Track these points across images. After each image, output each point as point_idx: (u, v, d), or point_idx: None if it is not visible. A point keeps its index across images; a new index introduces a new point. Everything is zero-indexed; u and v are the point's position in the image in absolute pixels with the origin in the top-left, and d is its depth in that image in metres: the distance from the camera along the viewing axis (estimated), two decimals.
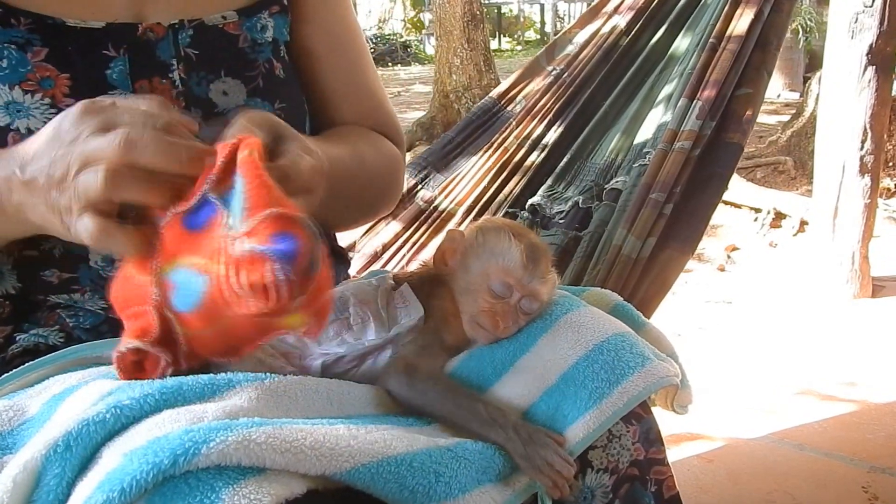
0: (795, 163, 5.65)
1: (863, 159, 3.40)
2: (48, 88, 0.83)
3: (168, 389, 0.69)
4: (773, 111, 7.98)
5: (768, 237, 4.58)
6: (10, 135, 0.82)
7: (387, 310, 0.93)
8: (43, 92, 0.82)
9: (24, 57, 0.82)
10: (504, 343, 0.91)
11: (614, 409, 0.85)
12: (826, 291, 3.55)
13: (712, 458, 2.19)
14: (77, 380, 0.79)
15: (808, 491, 1.99)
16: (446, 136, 1.94)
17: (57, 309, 0.89)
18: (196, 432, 0.61)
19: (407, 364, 0.87)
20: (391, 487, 0.69)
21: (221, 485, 0.60)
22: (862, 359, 2.91)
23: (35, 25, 0.83)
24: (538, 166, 1.79)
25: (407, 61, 17.25)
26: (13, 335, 0.89)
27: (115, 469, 0.59)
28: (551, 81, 1.88)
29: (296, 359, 0.88)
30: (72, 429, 0.64)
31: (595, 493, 0.87)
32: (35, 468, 0.63)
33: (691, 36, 1.79)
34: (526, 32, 20.34)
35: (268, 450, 0.62)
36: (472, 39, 7.53)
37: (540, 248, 0.95)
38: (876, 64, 3.29)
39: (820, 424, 2.38)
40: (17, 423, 0.75)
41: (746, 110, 1.62)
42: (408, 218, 1.78)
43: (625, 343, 0.90)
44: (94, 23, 0.86)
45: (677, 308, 3.45)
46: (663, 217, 1.50)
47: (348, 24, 1.12)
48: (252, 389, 0.73)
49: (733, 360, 2.96)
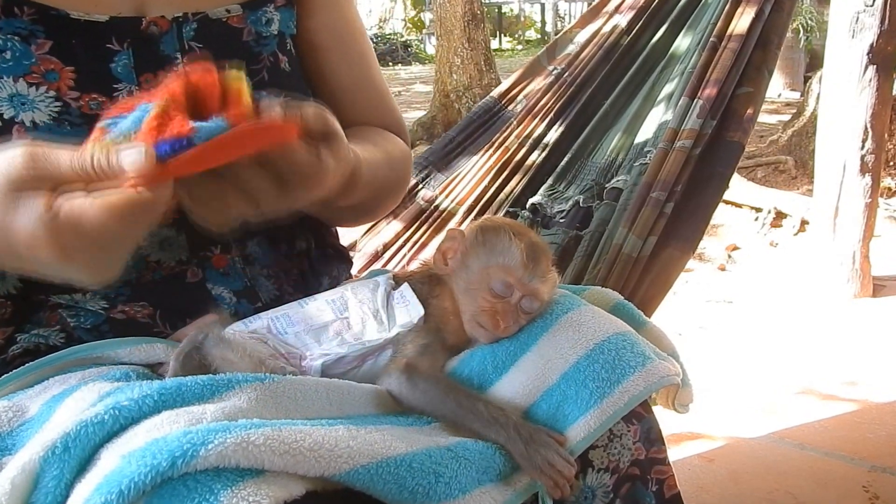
0: (796, 162, 5.65)
1: (863, 159, 3.40)
2: (53, 81, 0.83)
3: (167, 390, 0.69)
4: (774, 110, 7.97)
5: (769, 237, 4.57)
6: (14, 127, 0.82)
7: (387, 310, 0.93)
8: (48, 85, 0.82)
9: (27, 49, 0.82)
10: (504, 342, 0.91)
11: (615, 409, 0.85)
12: (827, 291, 3.54)
13: (713, 457, 2.19)
14: (77, 380, 0.79)
15: (808, 490, 1.99)
16: (447, 136, 1.93)
17: (58, 309, 0.89)
18: (194, 434, 0.61)
19: (407, 364, 0.87)
20: (391, 488, 0.69)
21: (220, 487, 0.60)
22: (862, 358, 2.91)
23: (38, 16, 0.83)
24: (539, 165, 1.78)
25: (407, 61, 17.25)
26: (14, 336, 0.88)
27: (114, 471, 0.59)
28: (552, 81, 1.88)
29: (296, 359, 0.88)
30: (70, 430, 0.64)
31: (596, 492, 0.87)
32: (33, 470, 0.63)
33: (692, 35, 1.79)
34: (527, 32, 20.33)
35: (266, 451, 0.62)
36: (473, 39, 7.52)
37: (540, 247, 0.95)
38: (877, 63, 3.29)
39: (821, 424, 2.38)
40: (17, 423, 0.75)
41: (747, 109, 1.61)
42: (409, 217, 1.78)
43: (626, 342, 0.90)
44: (97, 16, 0.86)
45: (678, 307, 3.45)
46: (664, 216, 1.50)
47: (353, 21, 1.12)
48: (251, 390, 0.72)
49: (734, 359, 2.96)
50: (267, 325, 0.89)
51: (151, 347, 0.87)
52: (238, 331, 0.88)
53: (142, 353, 0.86)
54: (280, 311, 0.92)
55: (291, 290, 1.00)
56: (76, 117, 0.83)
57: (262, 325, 0.89)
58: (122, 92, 0.86)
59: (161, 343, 0.88)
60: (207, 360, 0.83)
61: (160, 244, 0.90)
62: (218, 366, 0.82)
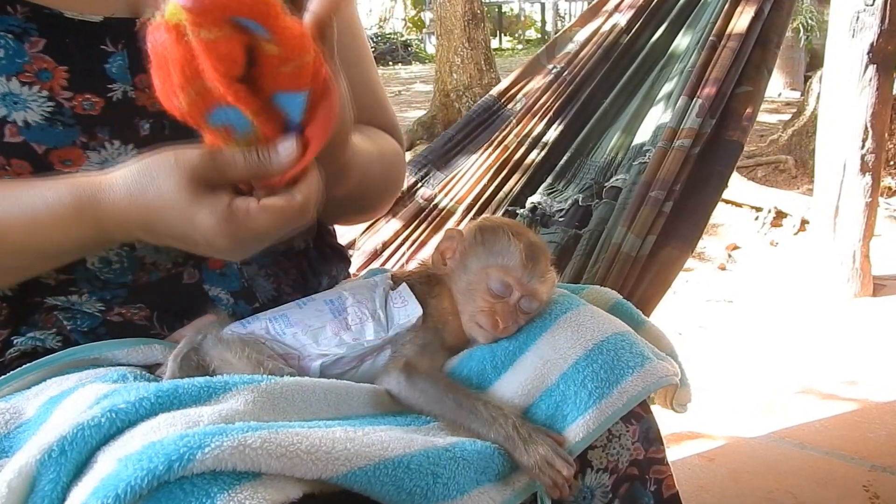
0: (796, 162, 5.65)
1: (864, 158, 3.39)
2: (46, 80, 0.82)
3: (163, 393, 0.69)
4: (774, 110, 7.97)
5: (769, 236, 4.57)
6: (6, 127, 0.81)
7: (385, 310, 0.93)
8: (41, 84, 0.82)
9: (21, 47, 0.81)
10: (503, 342, 0.91)
11: (614, 409, 0.85)
12: (827, 290, 3.54)
13: (713, 456, 2.19)
14: (74, 382, 0.79)
15: (808, 489, 1.99)
16: (446, 134, 1.93)
17: (54, 311, 0.88)
18: (191, 437, 0.61)
19: (406, 364, 0.87)
20: (388, 490, 0.69)
21: (217, 490, 0.60)
22: (863, 358, 2.90)
23: (32, 15, 0.82)
24: (538, 164, 1.78)
25: (407, 60, 17.23)
26: (10, 338, 0.88)
27: (110, 475, 0.59)
28: (552, 80, 1.88)
29: (294, 360, 0.87)
30: (67, 433, 0.64)
31: (595, 492, 0.87)
32: (30, 473, 0.62)
33: (692, 34, 1.79)
34: (527, 31, 20.32)
35: (263, 454, 0.62)
36: (473, 38, 7.51)
37: (539, 247, 0.95)
38: (877, 62, 3.28)
39: (821, 423, 2.38)
40: (14, 425, 0.74)
41: (746, 108, 1.61)
42: (408, 216, 1.77)
43: (624, 342, 0.90)
44: (91, 16, 0.86)
45: (678, 307, 3.45)
46: (663, 215, 1.49)
47: (351, 22, 1.12)
48: (248, 392, 0.72)
49: (734, 358, 2.95)
50: (265, 326, 0.89)
51: (149, 349, 0.87)
52: (236, 332, 0.88)
53: (139, 354, 0.86)
54: (278, 311, 0.92)
55: (290, 291, 1.00)
56: (69, 117, 0.82)
57: (261, 327, 0.89)
58: (116, 93, 0.85)
59: (159, 344, 0.88)
60: (206, 361, 0.83)
61: (156, 245, 0.89)
62: (216, 367, 0.82)
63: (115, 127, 0.84)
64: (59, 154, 0.82)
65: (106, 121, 0.84)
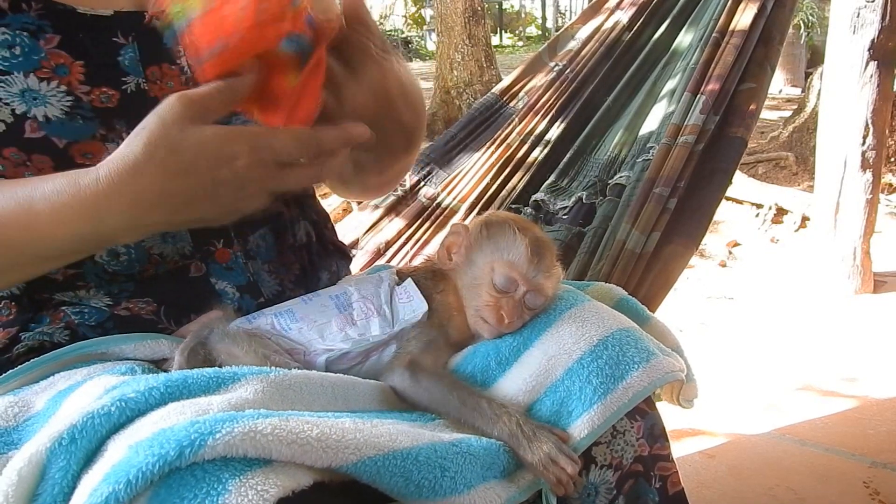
0: (797, 158, 5.65)
1: (864, 155, 3.39)
2: (63, 76, 0.83)
3: (173, 383, 0.69)
4: (775, 107, 7.97)
5: (770, 233, 4.57)
6: (27, 122, 0.81)
7: (391, 305, 0.93)
8: (59, 79, 0.82)
9: (36, 44, 0.82)
10: (508, 338, 0.90)
11: (619, 405, 0.85)
12: (827, 287, 3.54)
13: (714, 453, 2.19)
14: (82, 376, 0.79)
15: (809, 486, 1.99)
16: (448, 133, 1.93)
17: (62, 306, 0.89)
18: (202, 424, 0.61)
19: (411, 360, 0.87)
20: (397, 481, 0.69)
21: (228, 476, 0.60)
22: (863, 354, 2.91)
23: (45, 11, 0.83)
24: (541, 162, 1.78)
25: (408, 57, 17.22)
26: (18, 335, 0.88)
27: (121, 461, 0.59)
28: (553, 77, 1.88)
29: (300, 355, 0.88)
30: (77, 422, 0.64)
31: (599, 489, 0.87)
32: (40, 461, 0.63)
33: (694, 31, 1.79)
34: (527, 28, 20.29)
35: (274, 441, 0.62)
36: (474, 35, 7.51)
37: (545, 243, 0.95)
38: (877, 59, 3.28)
39: (821, 420, 2.38)
40: (23, 418, 0.75)
41: (750, 105, 1.61)
42: (410, 214, 1.77)
43: (629, 338, 0.89)
44: (102, 11, 0.86)
45: (679, 304, 3.45)
46: (667, 212, 1.50)
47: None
48: (257, 382, 0.72)
49: (735, 355, 2.96)
50: (271, 321, 0.89)
51: (157, 343, 0.87)
52: (242, 327, 0.88)
53: (147, 348, 0.86)
54: (283, 307, 0.92)
55: (292, 286, 1.00)
56: (88, 111, 0.83)
57: (266, 322, 0.89)
58: (129, 85, 0.86)
59: (166, 339, 0.88)
60: (213, 356, 0.83)
61: (163, 236, 0.90)
62: (223, 361, 0.82)
63: (130, 119, 0.84)
64: (79, 147, 0.83)
65: (122, 113, 0.85)
